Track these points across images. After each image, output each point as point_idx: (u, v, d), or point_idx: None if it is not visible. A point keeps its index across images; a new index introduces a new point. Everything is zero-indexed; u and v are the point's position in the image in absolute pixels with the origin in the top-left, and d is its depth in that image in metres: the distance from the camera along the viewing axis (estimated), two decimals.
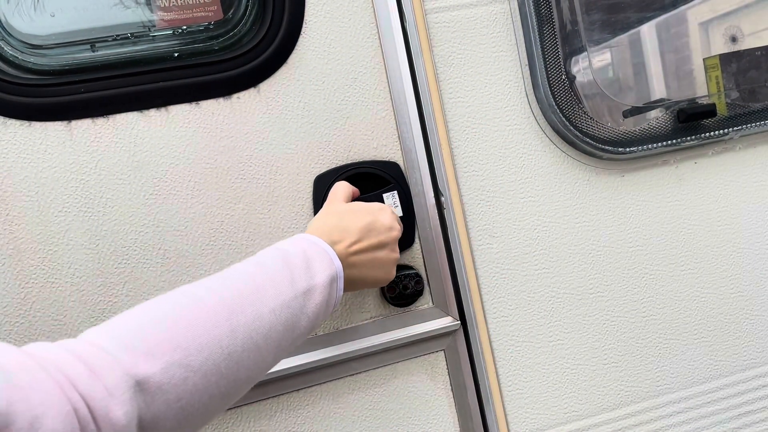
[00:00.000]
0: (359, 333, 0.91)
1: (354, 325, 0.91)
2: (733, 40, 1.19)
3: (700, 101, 1.09)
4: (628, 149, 1.01)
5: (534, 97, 0.99)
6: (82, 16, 0.85)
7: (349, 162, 0.91)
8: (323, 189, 0.89)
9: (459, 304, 0.96)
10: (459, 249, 0.95)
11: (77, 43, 0.84)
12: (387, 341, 0.91)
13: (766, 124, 1.08)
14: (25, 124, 0.80)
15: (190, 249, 0.85)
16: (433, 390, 0.95)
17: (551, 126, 0.99)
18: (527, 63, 0.98)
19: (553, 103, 0.97)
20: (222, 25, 0.89)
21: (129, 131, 0.83)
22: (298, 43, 0.89)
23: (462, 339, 0.96)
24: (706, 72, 1.14)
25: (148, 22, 0.87)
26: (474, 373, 0.97)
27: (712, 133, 1.05)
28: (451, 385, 0.96)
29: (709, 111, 1.04)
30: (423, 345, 0.94)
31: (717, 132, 1.05)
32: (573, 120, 0.98)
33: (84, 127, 0.82)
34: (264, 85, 0.88)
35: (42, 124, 0.80)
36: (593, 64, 1.03)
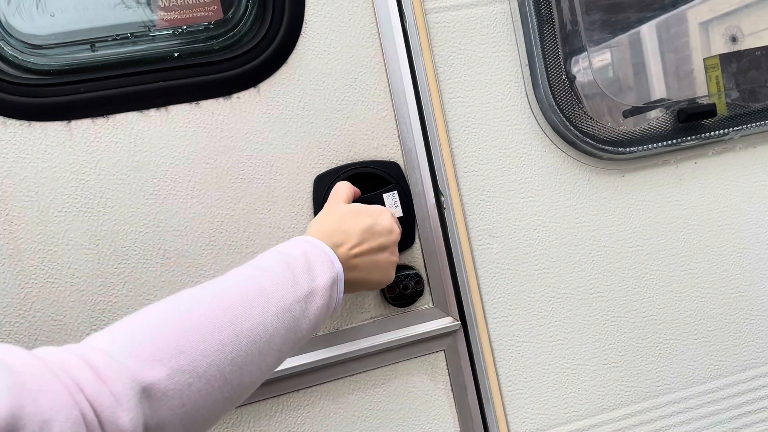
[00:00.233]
0: (359, 333, 0.91)
1: (354, 325, 0.91)
2: (733, 40, 1.19)
3: (700, 101, 1.09)
4: (628, 149, 1.01)
5: (534, 97, 0.99)
6: (82, 16, 0.85)
7: (349, 162, 0.91)
8: (323, 189, 0.89)
9: (459, 304, 0.96)
10: (459, 249, 0.95)
11: (77, 43, 0.84)
12: (387, 341, 0.91)
13: (766, 124, 1.08)
14: (25, 124, 0.80)
15: (190, 249, 0.85)
16: (433, 390, 0.95)
17: (551, 126, 0.99)
18: (527, 63, 0.98)
19: (553, 103, 0.97)
20: (222, 25, 0.89)
21: (129, 131, 0.83)
22: (298, 43, 0.89)
23: (462, 339, 0.96)
24: (706, 72, 1.14)
25: (148, 21, 0.87)
26: (474, 373, 0.97)
27: (712, 133, 1.05)
28: (451, 385, 0.96)
29: (709, 111, 1.04)
30: (423, 345, 0.94)
31: (717, 132, 1.05)
32: (573, 120, 0.98)
33: (84, 127, 0.82)
34: (264, 85, 0.88)
35: (42, 124, 0.80)
36: (593, 64, 1.03)
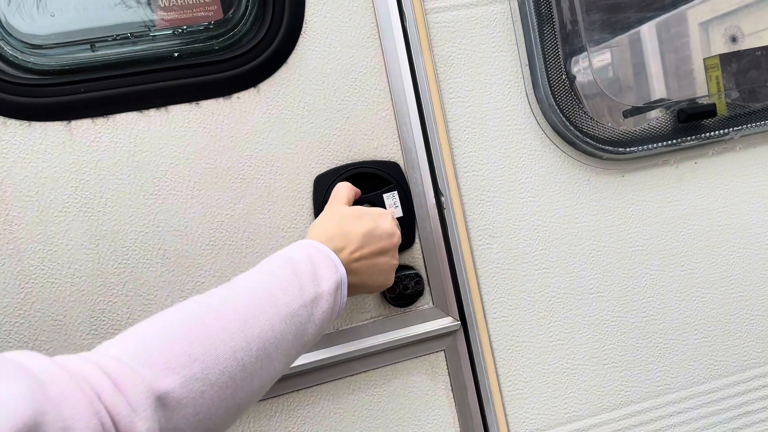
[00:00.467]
0: (359, 333, 0.91)
1: (354, 325, 0.91)
2: (733, 40, 1.19)
3: (700, 101, 1.09)
4: (628, 149, 1.01)
5: (534, 97, 0.99)
6: (82, 16, 0.85)
7: (350, 162, 0.91)
8: (323, 189, 0.89)
9: (459, 304, 0.96)
10: (459, 249, 0.95)
11: (77, 43, 0.84)
12: (387, 341, 0.91)
13: (766, 124, 1.08)
14: (25, 124, 0.80)
15: (190, 249, 0.85)
16: (433, 390, 0.95)
17: (551, 126, 0.99)
18: (527, 63, 0.98)
19: (553, 103, 0.97)
20: (222, 25, 0.89)
21: (129, 131, 0.83)
22: (298, 43, 0.89)
23: (462, 339, 0.96)
24: (706, 72, 1.14)
25: (148, 21, 0.87)
26: (474, 373, 0.97)
27: (712, 133, 1.05)
28: (451, 385, 0.96)
29: (709, 111, 1.04)
30: (423, 345, 0.94)
31: (717, 132, 1.05)
32: (573, 120, 0.98)
33: (84, 127, 0.82)
34: (264, 85, 0.88)
35: (42, 124, 0.80)
36: (593, 64, 1.03)
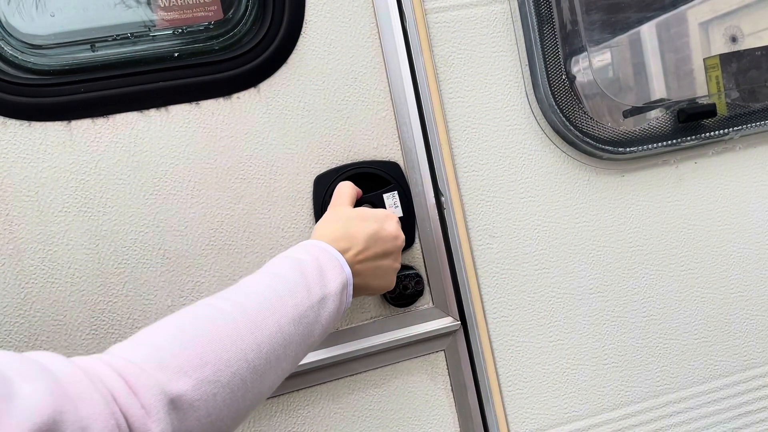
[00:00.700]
0: (359, 333, 0.91)
1: (354, 325, 0.91)
2: (733, 40, 1.19)
3: (700, 101, 1.09)
4: (628, 149, 1.01)
5: (534, 97, 0.99)
6: (82, 16, 0.85)
7: (350, 162, 0.91)
8: (323, 189, 0.89)
9: (459, 304, 0.96)
10: (459, 249, 0.95)
11: (77, 43, 0.84)
12: (387, 341, 0.91)
13: (766, 124, 1.08)
14: (25, 124, 0.80)
15: (190, 249, 0.85)
16: (433, 390, 0.95)
17: (551, 126, 0.99)
18: (527, 63, 0.98)
19: (553, 103, 0.97)
20: (222, 25, 0.89)
21: (129, 131, 0.83)
22: (298, 43, 0.89)
23: (462, 339, 0.96)
24: (706, 72, 1.14)
25: (148, 21, 0.87)
26: (474, 373, 0.97)
27: (712, 133, 1.05)
28: (451, 385, 0.96)
29: (709, 111, 1.04)
30: (423, 345, 0.94)
31: (717, 132, 1.05)
32: (573, 120, 0.98)
33: (84, 127, 0.82)
34: (264, 85, 0.88)
35: (42, 124, 0.80)
36: (593, 64, 1.03)
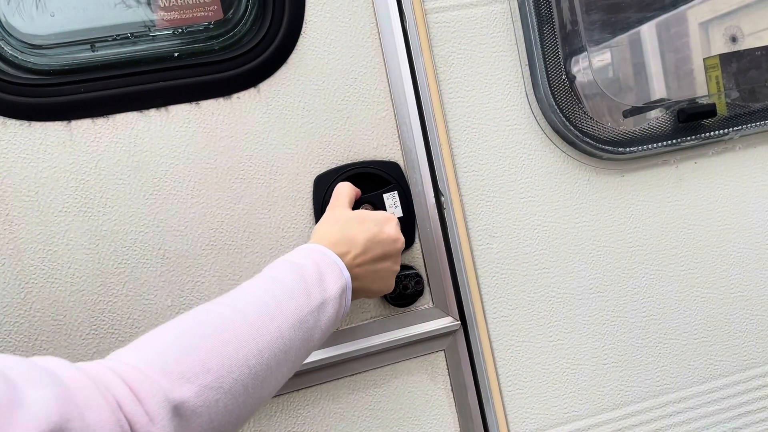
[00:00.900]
0: (359, 333, 0.91)
1: (354, 325, 0.91)
2: (733, 40, 1.19)
3: (700, 101, 1.09)
4: (628, 149, 1.01)
5: (534, 97, 0.99)
6: (82, 16, 0.85)
7: (349, 162, 0.91)
8: (323, 189, 0.89)
9: (459, 304, 0.96)
10: (459, 249, 0.95)
11: (77, 43, 0.84)
12: (387, 341, 0.91)
13: (766, 124, 1.08)
14: (25, 124, 0.80)
15: (190, 249, 0.85)
16: (433, 390, 0.95)
17: (551, 126, 0.99)
18: (527, 63, 0.98)
19: (553, 103, 0.97)
20: (222, 25, 0.89)
21: (129, 131, 0.83)
22: (298, 43, 0.89)
23: (462, 339, 0.96)
24: (706, 72, 1.14)
25: (148, 21, 0.87)
26: (474, 373, 0.97)
27: (712, 133, 1.05)
28: (451, 385, 0.96)
29: (709, 111, 1.04)
30: (423, 345, 0.94)
31: (717, 132, 1.05)
32: (573, 120, 0.98)
33: (84, 127, 0.82)
34: (264, 85, 0.88)
35: (42, 124, 0.80)
36: (593, 64, 1.03)
